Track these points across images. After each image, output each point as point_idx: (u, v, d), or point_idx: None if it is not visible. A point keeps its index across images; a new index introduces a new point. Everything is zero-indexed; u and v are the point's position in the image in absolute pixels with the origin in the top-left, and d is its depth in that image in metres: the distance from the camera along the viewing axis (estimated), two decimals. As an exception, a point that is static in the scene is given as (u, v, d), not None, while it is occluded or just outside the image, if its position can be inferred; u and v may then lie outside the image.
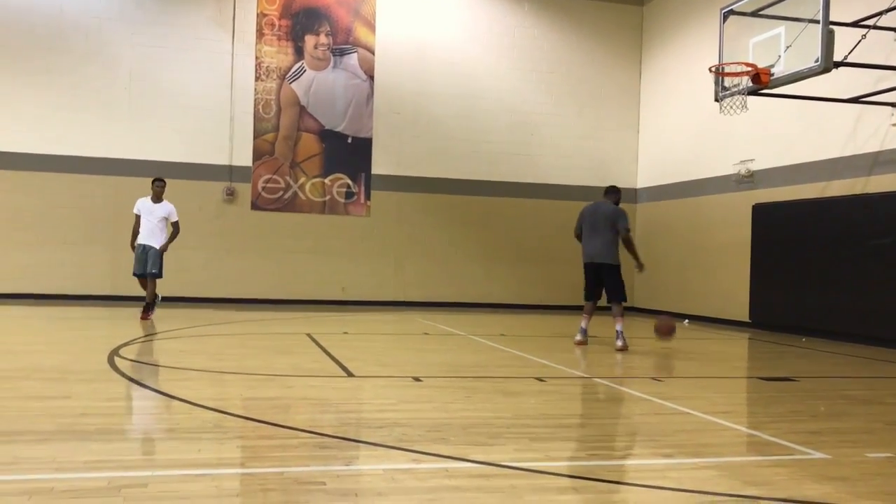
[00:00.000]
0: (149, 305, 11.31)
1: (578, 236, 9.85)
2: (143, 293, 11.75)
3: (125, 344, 8.20)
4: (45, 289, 14.28)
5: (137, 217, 11.35)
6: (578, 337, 9.74)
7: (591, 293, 9.75)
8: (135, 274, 11.47)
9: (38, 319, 11.26)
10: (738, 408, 6.15)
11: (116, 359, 7.09)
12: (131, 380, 6.05)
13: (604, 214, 9.59)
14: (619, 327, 9.44)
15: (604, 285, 9.63)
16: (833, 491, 3.63)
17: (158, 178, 11.63)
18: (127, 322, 10.86)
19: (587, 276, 9.71)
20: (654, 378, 7.00)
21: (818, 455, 4.30)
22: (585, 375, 7.06)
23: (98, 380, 6.07)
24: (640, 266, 9.80)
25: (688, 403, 5.76)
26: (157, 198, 11.41)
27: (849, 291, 10.97)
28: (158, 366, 6.84)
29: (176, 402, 5.21)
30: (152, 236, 11.28)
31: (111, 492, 3.26)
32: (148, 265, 11.20)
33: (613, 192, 9.90)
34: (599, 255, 9.50)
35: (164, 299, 14.56)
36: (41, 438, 4.15)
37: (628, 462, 4.24)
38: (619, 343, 9.31)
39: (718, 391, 6.76)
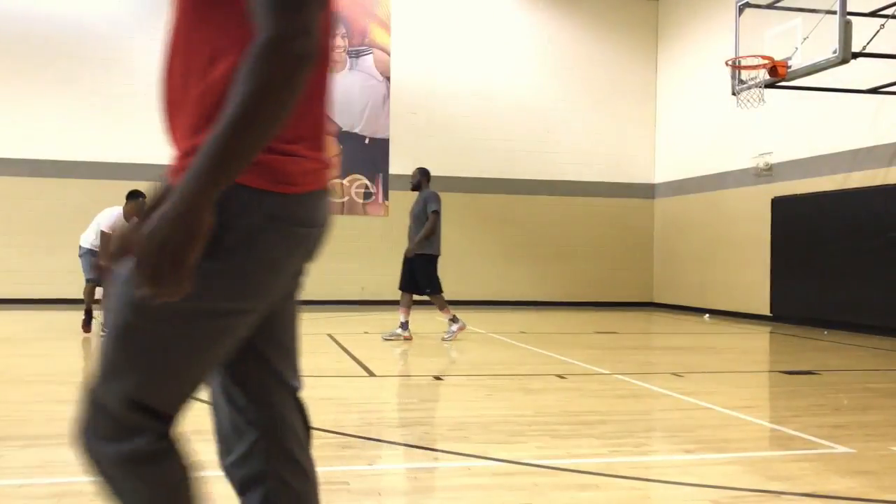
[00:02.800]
0: None
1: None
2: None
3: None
4: (72, 293, 14.41)
5: None
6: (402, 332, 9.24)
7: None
8: None
9: (64, 324, 11.39)
10: (761, 402, 6.12)
11: (140, 362, 7.16)
12: (155, 383, 6.10)
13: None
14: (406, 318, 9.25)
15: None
16: (858, 485, 3.62)
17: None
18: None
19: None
20: (675, 374, 6.99)
21: (842, 449, 4.28)
22: (606, 372, 7.06)
23: (123, 383, 6.13)
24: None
25: (709, 398, 5.74)
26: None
27: (871, 283, 10.88)
28: (182, 368, 6.91)
29: (200, 403, 5.26)
30: None
31: (139, 493, 3.30)
32: None
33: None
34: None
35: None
36: (68, 441, 4.20)
37: (650, 458, 4.25)
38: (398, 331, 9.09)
39: (740, 386, 6.73)
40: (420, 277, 9.22)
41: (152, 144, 14.87)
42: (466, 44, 16.19)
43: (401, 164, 15.97)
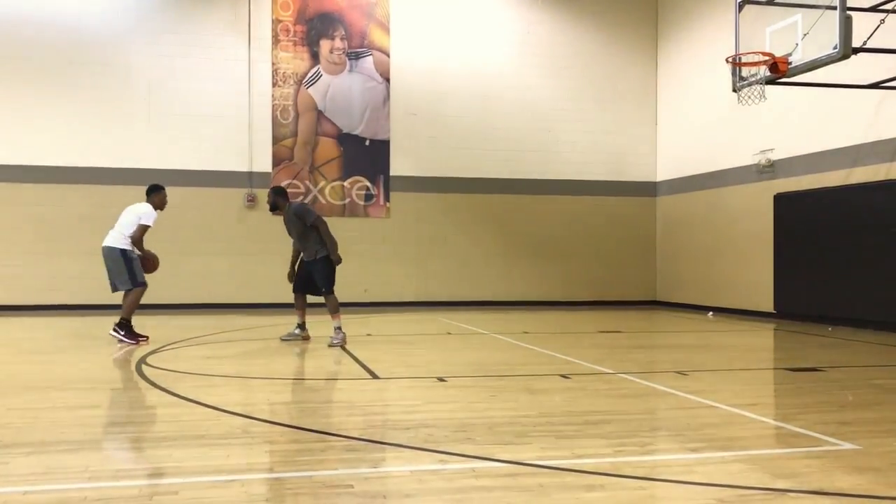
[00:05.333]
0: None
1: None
2: (164, 301, 11.74)
3: (152, 352, 8.29)
4: (72, 299, 14.45)
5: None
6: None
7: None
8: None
9: (66, 330, 11.40)
10: (765, 400, 6.11)
11: (144, 367, 7.17)
12: (159, 388, 6.11)
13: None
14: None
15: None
16: (864, 482, 3.60)
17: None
18: (153, 330, 10.96)
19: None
20: (679, 372, 6.97)
21: (848, 446, 4.27)
22: (610, 371, 7.04)
23: (127, 389, 6.14)
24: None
25: (714, 397, 5.73)
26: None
27: (874, 279, 10.86)
28: (185, 373, 6.91)
29: (204, 409, 5.26)
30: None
31: (142, 500, 3.30)
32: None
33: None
34: None
35: (188, 306, 14.70)
36: (73, 448, 4.20)
37: (656, 457, 4.23)
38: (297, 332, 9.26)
39: (745, 383, 6.72)
40: (319, 278, 9.26)
41: (152, 149, 14.91)
42: (466, 44, 16.19)
43: (402, 165, 15.98)
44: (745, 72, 10.59)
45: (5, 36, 14.46)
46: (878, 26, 9.72)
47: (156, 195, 9.79)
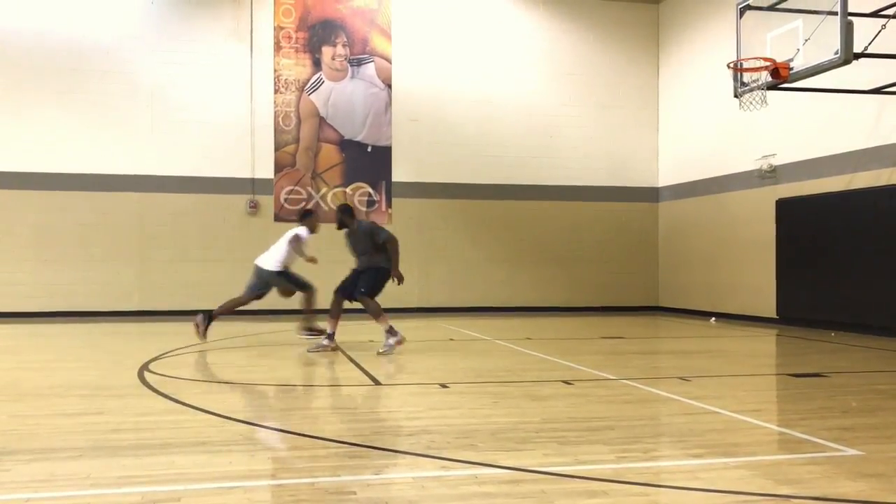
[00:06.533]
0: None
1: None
2: (166, 308, 11.75)
3: (154, 359, 8.29)
4: (73, 306, 14.47)
5: None
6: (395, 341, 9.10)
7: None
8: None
9: (68, 337, 11.40)
10: (768, 405, 6.09)
11: (146, 373, 7.17)
12: (161, 394, 6.11)
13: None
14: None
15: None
16: (868, 488, 3.59)
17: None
18: (155, 337, 10.97)
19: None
20: (682, 378, 6.96)
21: (851, 452, 4.25)
22: (613, 377, 7.03)
23: (129, 395, 6.14)
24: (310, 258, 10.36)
25: (717, 402, 5.72)
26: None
27: (877, 284, 10.84)
28: (188, 379, 6.91)
29: (206, 416, 5.26)
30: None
31: (145, 506, 3.30)
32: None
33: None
34: None
35: (190, 312, 14.69)
36: (75, 455, 4.20)
37: (658, 464, 4.22)
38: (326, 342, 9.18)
39: (747, 389, 6.71)
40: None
41: (154, 156, 14.93)
42: (467, 50, 16.22)
43: (403, 171, 16.00)
44: (746, 77, 10.60)
45: (7, 43, 14.50)
46: (880, 31, 9.74)
47: (308, 220, 10.73)
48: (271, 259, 10.44)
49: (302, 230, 10.54)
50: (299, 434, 4.71)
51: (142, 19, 15.02)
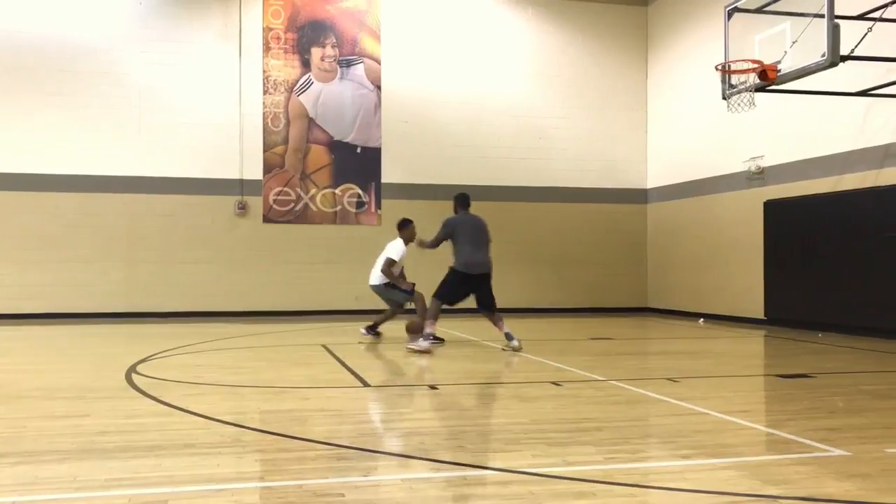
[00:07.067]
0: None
1: (438, 243, 9.98)
2: (154, 309, 11.71)
3: (142, 360, 8.25)
4: (61, 308, 14.39)
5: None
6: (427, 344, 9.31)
7: (458, 300, 9.83)
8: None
9: (55, 339, 11.34)
10: (756, 406, 6.12)
11: (134, 375, 7.14)
12: (149, 396, 6.08)
13: (483, 226, 9.87)
14: (507, 329, 9.50)
15: (480, 293, 9.72)
16: (854, 488, 3.61)
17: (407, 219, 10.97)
18: (143, 338, 10.92)
19: (464, 285, 9.64)
20: (670, 379, 6.98)
21: (837, 452, 4.28)
22: (602, 378, 7.05)
23: (116, 397, 6.11)
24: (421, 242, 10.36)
25: (705, 403, 5.74)
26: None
27: (864, 285, 10.90)
28: (175, 381, 6.88)
29: (194, 418, 5.24)
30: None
31: (132, 509, 3.28)
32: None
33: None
34: (486, 265, 9.68)
35: (178, 314, 14.66)
36: (61, 458, 4.18)
37: (647, 465, 4.23)
38: (515, 342, 9.29)
39: (735, 390, 6.73)
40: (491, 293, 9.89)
41: (142, 157, 14.87)
42: (457, 52, 16.23)
43: (393, 172, 15.98)
44: (734, 79, 10.64)
45: (-5, 43, 14.42)
46: (866, 34, 9.79)
47: (404, 230, 10.76)
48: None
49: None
50: (287, 436, 4.69)
51: (130, 20, 14.95)
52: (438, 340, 10.06)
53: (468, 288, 9.71)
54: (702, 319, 14.20)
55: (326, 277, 15.41)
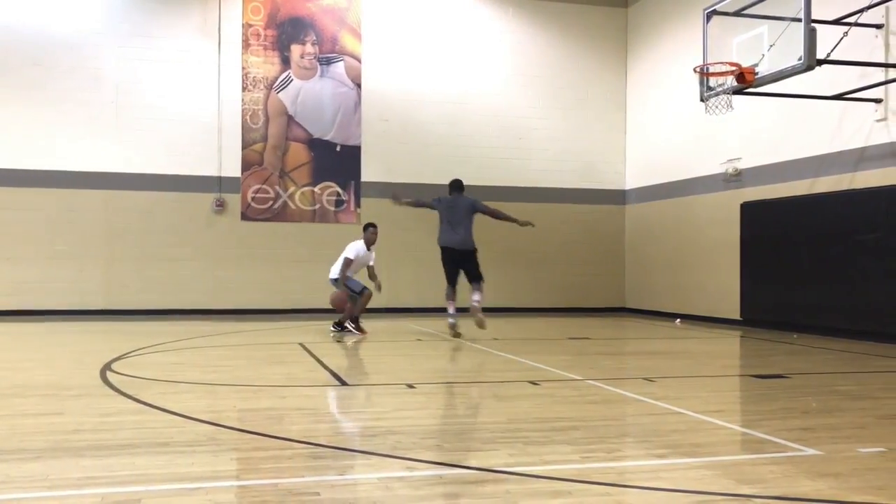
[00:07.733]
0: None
1: (416, 205, 11.52)
2: (132, 307, 11.62)
3: (117, 358, 8.18)
4: (37, 305, 14.23)
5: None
6: (453, 321, 10.83)
7: (452, 276, 11.00)
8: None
9: (31, 336, 11.21)
10: (731, 406, 6.17)
11: (109, 373, 7.07)
12: (124, 394, 6.03)
13: (463, 207, 10.91)
14: (480, 298, 10.77)
15: (466, 267, 10.92)
16: (826, 487, 3.65)
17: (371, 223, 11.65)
18: (120, 336, 10.82)
19: (447, 260, 10.94)
20: (647, 378, 7.02)
21: (811, 451, 4.32)
22: (579, 378, 7.07)
23: (90, 395, 6.05)
24: (525, 222, 11.29)
25: (681, 403, 5.78)
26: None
27: (838, 287, 11.02)
28: (151, 379, 6.82)
29: (169, 416, 5.20)
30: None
31: (105, 508, 3.25)
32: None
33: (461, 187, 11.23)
34: (463, 243, 10.80)
35: (155, 312, 14.54)
36: (33, 456, 4.13)
37: (623, 464, 4.26)
38: (453, 321, 10.79)
39: (711, 390, 6.78)
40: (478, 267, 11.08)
41: (119, 153, 14.74)
42: (437, 51, 16.22)
43: (372, 171, 15.95)
44: (712, 82, 10.73)
45: (-31, 37, 14.22)
46: (842, 38, 9.91)
47: (365, 232, 11.51)
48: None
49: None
50: (263, 434, 4.67)
51: (107, 13, 14.80)
52: (354, 331, 11.30)
53: (453, 263, 10.90)
54: (678, 320, 14.29)
55: (305, 276, 15.34)
